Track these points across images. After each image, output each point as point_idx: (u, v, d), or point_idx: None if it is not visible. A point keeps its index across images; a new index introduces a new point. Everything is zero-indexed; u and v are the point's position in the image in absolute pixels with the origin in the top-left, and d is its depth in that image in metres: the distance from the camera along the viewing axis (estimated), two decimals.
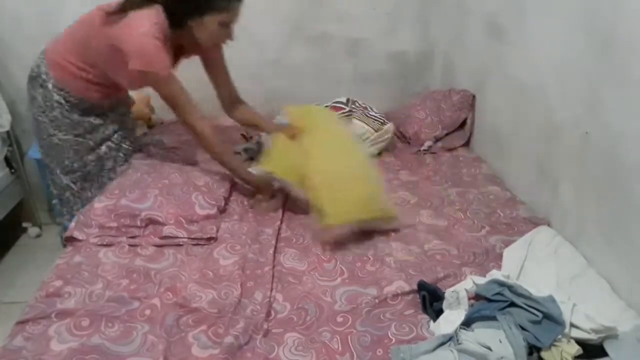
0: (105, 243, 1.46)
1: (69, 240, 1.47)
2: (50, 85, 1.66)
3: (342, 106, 2.14)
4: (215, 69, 1.79)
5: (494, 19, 1.96)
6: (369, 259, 1.43)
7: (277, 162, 1.67)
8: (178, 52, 1.65)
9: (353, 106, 2.16)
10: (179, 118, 1.63)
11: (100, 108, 1.75)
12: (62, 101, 1.68)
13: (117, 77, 1.64)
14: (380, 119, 2.13)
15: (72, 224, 1.51)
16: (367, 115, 2.13)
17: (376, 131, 2.08)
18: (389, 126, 2.13)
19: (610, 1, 1.32)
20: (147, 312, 1.22)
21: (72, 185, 1.78)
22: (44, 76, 1.66)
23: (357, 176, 1.57)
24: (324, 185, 1.52)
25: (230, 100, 1.85)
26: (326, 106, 2.13)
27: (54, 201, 1.90)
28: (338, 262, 1.42)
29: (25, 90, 1.74)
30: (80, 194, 1.79)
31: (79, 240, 1.46)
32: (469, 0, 2.19)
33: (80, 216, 1.52)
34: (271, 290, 1.29)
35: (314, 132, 1.71)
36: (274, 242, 1.49)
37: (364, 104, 2.20)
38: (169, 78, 1.54)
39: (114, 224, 1.48)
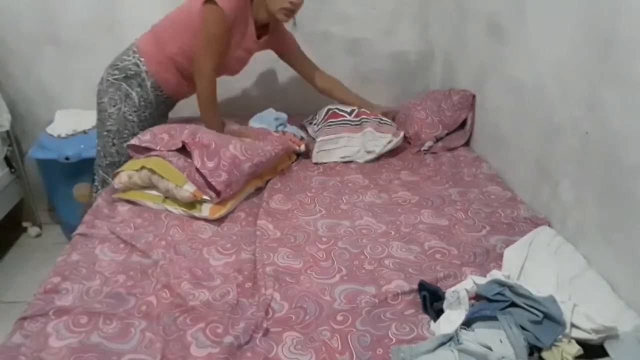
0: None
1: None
2: (148, 84, 1.78)
3: (344, 114, 2.08)
4: (294, 57, 2.08)
5: (494, 19, 1.96)
6: (366, 257, 1.43)
7: None
8: (260, 32, 1.87)
9: (363, 117, 2.08)
10: (198, 64, 1.74)
11: (168, 108, 1.97)
12: (154, 101, 1.82)
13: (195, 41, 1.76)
14: (391, 124, 2.11)
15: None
16: (380, 123, 2.08)
17: (395, 136, 2.06)
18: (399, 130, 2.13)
19: (610, 1, 1.32)
20: (144, 308, 1.22)
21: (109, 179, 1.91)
22: (143, 75, 1.77)
23: None
24: None
25: (316, 77, 2.13)
26: (329, 109, 2.12)
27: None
28: (335, 261, 1.42)
29: (25, 90, 1.75)
30: None
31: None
32: (469, 0, 2.19)
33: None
34: (266, 289, 1.28)
35: None
36: (266, 241, 1.49)
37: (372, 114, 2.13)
38: (222, 18, 1.66)
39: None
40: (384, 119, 2.09)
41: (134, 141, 1.73)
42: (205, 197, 1.60)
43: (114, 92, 1.81)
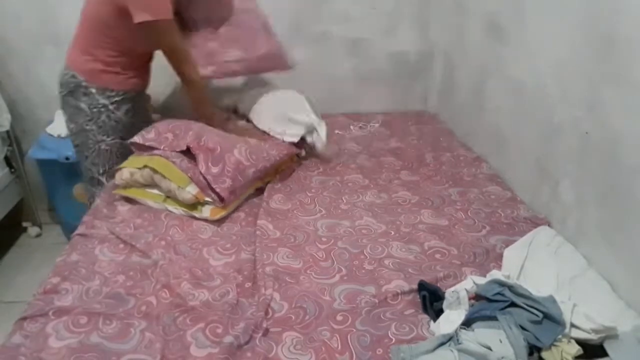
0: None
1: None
2: (94, 90, 1.73)
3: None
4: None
5: (494, 19, 1.96)
6: (366, 257, 1.43)
7: None
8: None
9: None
10: (176, 67, 1.72)
11: (140, 101, 1.89)
12: (107, 103, 1.76)
13: (134, 41, 1.71)
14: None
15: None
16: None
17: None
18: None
19: (610, 1, 1.31)
20: (144, 308, 1.22)
21: None
22: (84, 84, 1.72)
23: None
24: None
25: None
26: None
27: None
28: (335, 261, 1.42)
29: (25, 90, 1.75)
30: None
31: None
32: (469, 0, 2.19)
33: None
34: (265, 289, 1.28)
35: None
36: (266, 241, 1.49)
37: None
38: (171, 27, 1.63)
39: None
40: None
41: (136, 138, 1.73)
42: (207, 199, 1.60)
43: (67, 108, 1.79)
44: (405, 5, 2.38)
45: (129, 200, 1.69)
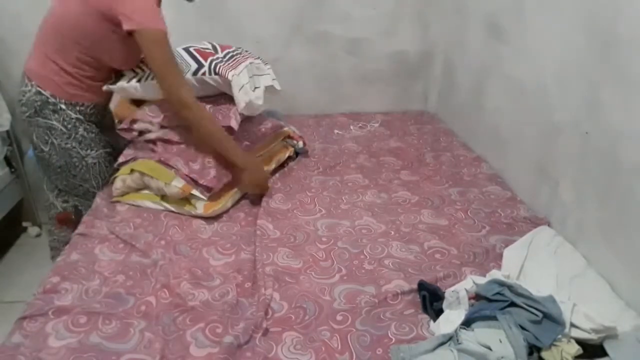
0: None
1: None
2: (63, 106, 1.62)
3: (210, 51, 1.77)
4: None
5: (494, 19, 1.96)
6: (366, 257, 1.43)
7: None
8: None
9: (229, 51, 1.80)
10: (165, 90, 1.55)
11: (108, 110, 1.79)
12: (81, 117, 1.67)
13: (112, 54, 1.60)
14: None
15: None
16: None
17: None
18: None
19: (610, 1, 1.31)
20: (143, 307, 1.22)
21: None
22: (52, 100, 1.60)
23: None
24: None
25: None
26: (187, 48, 1.76)
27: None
28: (335, 261, 1.42)
29: None
30: None
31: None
32: (469, 0, 2.19)
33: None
34: (265, 289, 1.28)
35: None
36: (265, 241, 1.49)
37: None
38: (165, 39, 1.50)
39: None
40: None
41: (120, 160, 1.72)
42: (194, 192, 1.60)
43: (36, 130, 1.65)
44: (405, 5, 2.38)
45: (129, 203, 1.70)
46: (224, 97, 1.75)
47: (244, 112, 1.71)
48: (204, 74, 1.68)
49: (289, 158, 2.02)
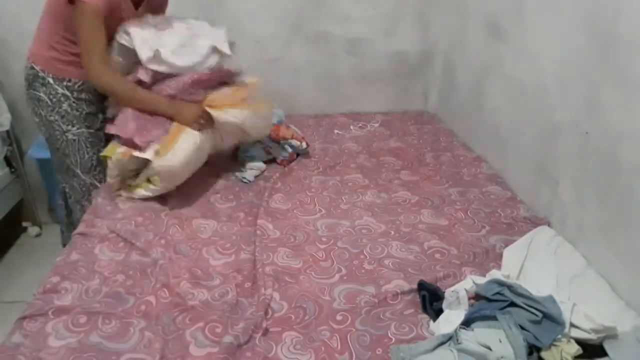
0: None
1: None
2: (51, 80, 1.70)
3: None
4: None
5: (494, 19, 1.96)
6: (366, 257, 1.43)
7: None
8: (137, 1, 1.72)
9: None
10: (84, 65, 1.62)
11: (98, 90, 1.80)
12: (67, 92, 1.73)
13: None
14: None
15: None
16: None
17: None
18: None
19: (610, 1, 1.31)
20: (143, 307, 1.23)
21: (97, 183, 1.82)
22: (41, 74, 1.70)
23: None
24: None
25: None
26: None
27: (76, 206, 1.90)
28: (335, 261, 1.42)
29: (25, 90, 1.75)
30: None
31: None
32: (469, 0, 2.19)
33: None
34: (265, 289, 1.28)
35: None
36: (265, 241, 1.49)
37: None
38: (94, 14, 1.54)
39: None
40: None
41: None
42: (134, 153, 1.60)
43: (30, 102, 1.76)
44: (405, 5, 2.38)
45: (129, 197, 1.70)
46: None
47: (154, 66, 1.68)
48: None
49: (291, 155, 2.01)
